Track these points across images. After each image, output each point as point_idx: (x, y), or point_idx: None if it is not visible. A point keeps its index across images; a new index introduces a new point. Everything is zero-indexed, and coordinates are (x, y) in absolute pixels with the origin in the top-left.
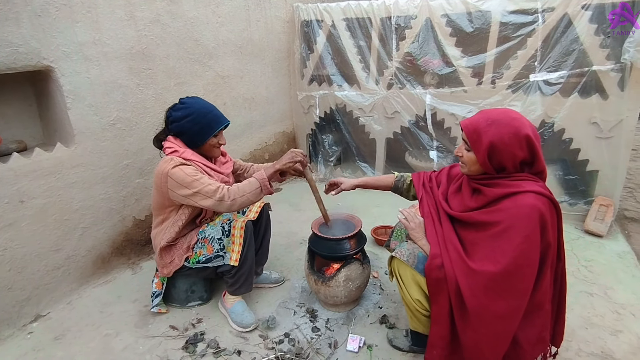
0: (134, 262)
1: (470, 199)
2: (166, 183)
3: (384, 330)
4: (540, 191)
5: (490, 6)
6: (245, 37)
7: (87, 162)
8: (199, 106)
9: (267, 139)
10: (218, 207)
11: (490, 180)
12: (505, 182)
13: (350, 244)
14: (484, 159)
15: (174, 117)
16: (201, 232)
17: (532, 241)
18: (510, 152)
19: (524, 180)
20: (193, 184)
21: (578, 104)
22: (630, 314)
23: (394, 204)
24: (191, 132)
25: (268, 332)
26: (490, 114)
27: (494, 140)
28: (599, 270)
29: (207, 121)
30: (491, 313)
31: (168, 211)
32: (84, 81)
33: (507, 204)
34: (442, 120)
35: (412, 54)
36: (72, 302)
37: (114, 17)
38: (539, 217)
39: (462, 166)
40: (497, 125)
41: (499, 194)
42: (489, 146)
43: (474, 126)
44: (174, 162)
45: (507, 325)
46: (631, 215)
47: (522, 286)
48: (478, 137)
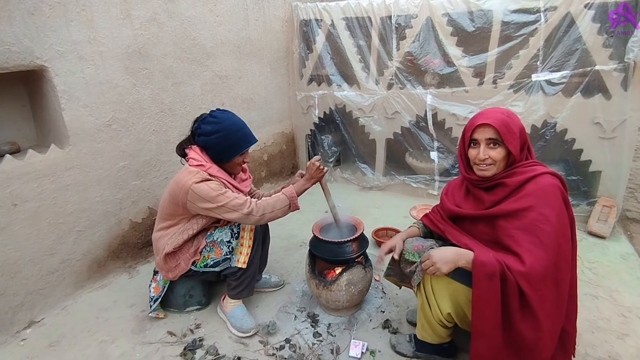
0: (131, 265)
1: (488, 195)
2: (186, 195)
3: (387, 335)
4: (553, 172)
5: (491, 5)
6: (243, 37)
7: (82, 164)
8: (230, 123)
9: (265, 140)
10: (245, 220)
11: (507, 171)
12: (521, 170)
13: (352, 247)
14: (520, 146)
15: (203, 130)
16: (209, 235)
17: (563, 217)
18: (526, 134)
19: (534, 165)
20: (217, 199)
21: (581, 104)
22: (637, 317)
23: (394, 205)
24: (219, 149)
25: (268, 338)
26: (493, 110)
27: (520, 126)
28: (604, 272)
29: (236, 139)
30: (550, 302)
31: (179, 219)
32: (78, 81)
33: (531, 187)
34: (443, 121)
35: (413, 53)
36: (67, 308)
37: (110, 15)
38: (561, 194)
39: (487, 169)
40: (511, 115)
41: (521, 180)
42: (520, 132)
43: (499, 120)
44: (199, 176)
45: (561, 309)
46: (634, 216)
47: (567, 263)
48: (509, 129)
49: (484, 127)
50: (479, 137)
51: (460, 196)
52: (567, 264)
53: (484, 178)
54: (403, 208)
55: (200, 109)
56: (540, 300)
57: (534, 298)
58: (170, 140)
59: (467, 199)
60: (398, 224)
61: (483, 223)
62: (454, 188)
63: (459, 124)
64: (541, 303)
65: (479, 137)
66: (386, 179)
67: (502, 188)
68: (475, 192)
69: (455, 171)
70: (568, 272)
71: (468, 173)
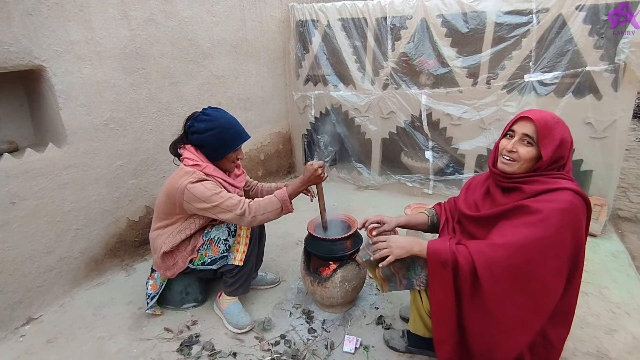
0: (128, 263)
1: (503, 197)
2: (182, 195)
3: (381, 331)
4: (578, 190)
5: (485, 7)
6: (240, 37)
7: (79, 162)
8: (223, 120)
9: (262, 139)
10: (238, 221)
11: (529, 177)
12: (544, 180)
13: (346, 244)
14: (551, 153)
15: (196, 128)
16: (206, 233)
17: (563, 235)
18: (568, 150)
19: (562, 178)
20: (212, 198)
21: (572, 105)
22: (625, 313)
23: (390, 204)
24: (213, 146)
25: (264, 334)
26: (548, 113)
27: (564, 136)
28: (594, 269)
29: (230, 136)
30: (516, 306)
31: (175, 218)
32: (76, 81)
33: (547, 198)
34: (438, 121)
35: (408, 54)
36: (65, 305)
37: (107, 16)
38: (574, 214)
39: (511, 164)
40: (562, 124)
41: (538, 190)
42: (559, 142)
43: (545, 121)
44: (195, 176)
45: (531, 319)
46: (625, 215)
47: (543, 277)
48: (549, 132)
49: (526, 120)
50: (516, 129)
51: (480, 195)
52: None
53: (504, 174)
54: (398, 207)
55: (197, 109)
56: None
57: (483, 275)
58: (167, 139)
59: (485, 199)
60: None
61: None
62: (476, 184)
63: (453, 124)
64: (497, 292)
65: (516, 129)
66: (382, 179)
67: (519, 193)
68: (493, 192)
69: (450, 170)
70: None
71: (494, 166)
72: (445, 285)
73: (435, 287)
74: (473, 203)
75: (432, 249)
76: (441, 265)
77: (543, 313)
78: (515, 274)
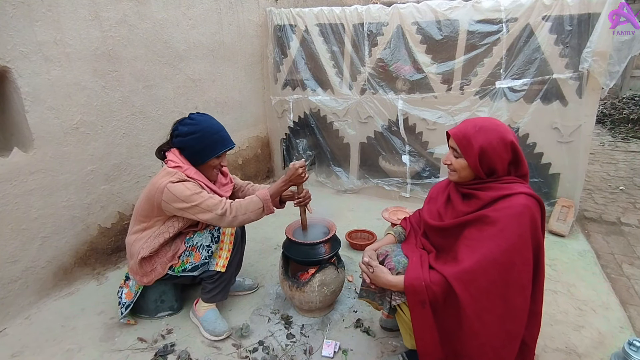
0: (100, 272)
1: (463, 204)
2: (161, 194)
3: (359, 334)
4: (531, 193)
5: (458, 15)
6: (217, 40)
7: (47, 167)
8: (207, 125)
9: (240, 144)
10: (218, 221)
11: (482, 184)
12: (497, 185)
13: (324, 248)
14: (475, 163)
15: (180, 131)
16: (188, 239)
17: (525, 238)
18: (498, 155)
19: (514, 182)
20: (192, 198)
21: (540, 110)
22: (592, 309)
23: (368, 208)
24: (193, 150)
25: (241, 341)
26: (476, 122)
27: (483, 144)
28: (562, 268)
29: (212, 142)
30: (495, 315)
31: (154, 221)
32: (44, 83)
33: (503, 205)
34: (414, 125)
35: (384, 60)
36: (31, 317)
37: (77, 16)
38: (530, 216)
39: (452, 174)
40: (485, 131)
41: (494, 197)
42: (479, 150)
43: (462, 133)
44: (176, 176)
45: (511, 327)
46: (590, 216)
47: (520, 284)
48: (468, 143)
49: (452, 135)
50: (449, 144)
51: (441, 203)
52: (522, 283)
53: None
54: (376, 210)
55: (173, 112)
56: (475, 305)
57: (465, 299)
58: (142, 143)
59: (447, 207)
60: (371, 225)
61: (451, 235)
62: (438, 193)
63: (428, 129)
64: (478, 310)
65: (449, 144)
66: (360, 182)
67: (476, 200)
68: (454, 199)
69: (426, 174)
70: (523, 291)
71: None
72: (426, 321)
73: (416, 324)
74: (436, 212)
75: (410, 288)
76: (420, 304)
77: (522, 319)
78: (493, 288)
